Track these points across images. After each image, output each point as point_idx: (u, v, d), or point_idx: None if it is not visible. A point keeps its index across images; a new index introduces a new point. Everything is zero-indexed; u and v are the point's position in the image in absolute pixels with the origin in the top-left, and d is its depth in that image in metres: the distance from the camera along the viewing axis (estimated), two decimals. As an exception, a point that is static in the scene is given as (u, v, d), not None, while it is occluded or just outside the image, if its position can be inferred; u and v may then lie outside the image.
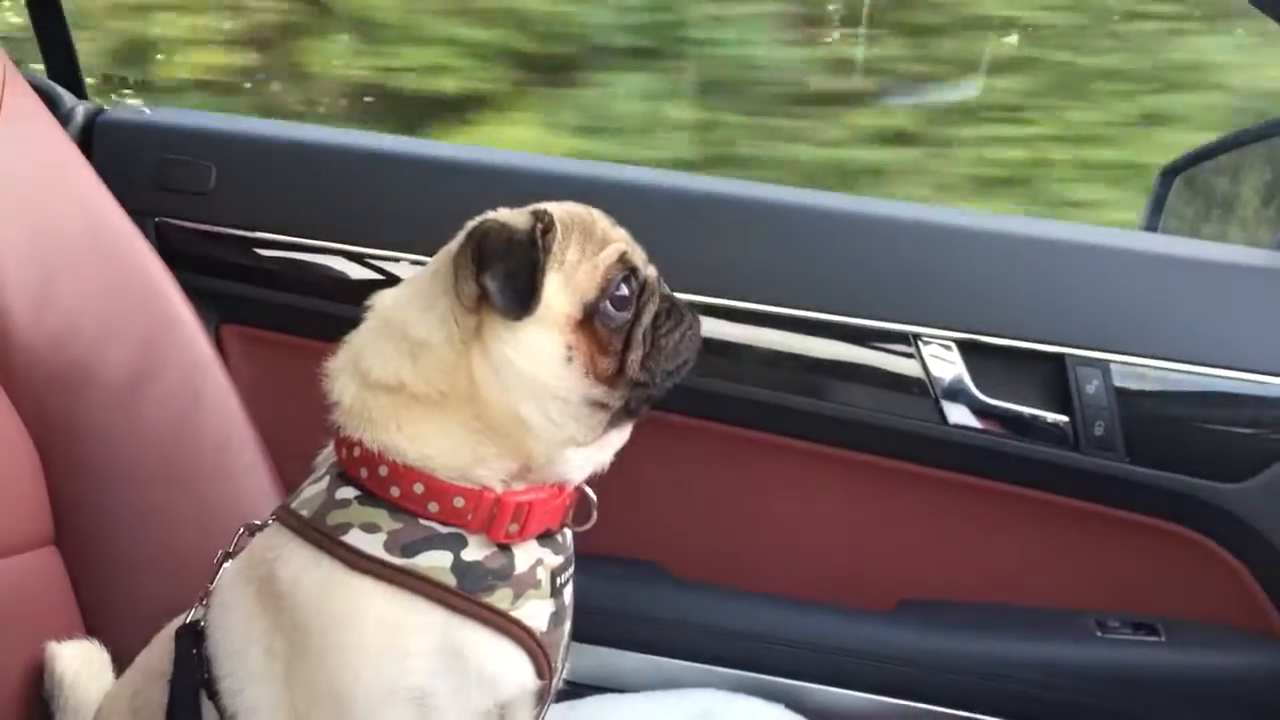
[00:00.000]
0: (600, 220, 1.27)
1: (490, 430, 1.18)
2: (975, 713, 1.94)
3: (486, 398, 1.17)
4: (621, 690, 1.91)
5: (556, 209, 1.24)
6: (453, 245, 1.23)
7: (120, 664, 1.41)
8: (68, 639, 1.44)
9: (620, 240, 1.26)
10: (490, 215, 1.24)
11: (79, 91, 2.29)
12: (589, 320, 1.19)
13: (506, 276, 1.15)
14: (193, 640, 1.23)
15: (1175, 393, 1.88)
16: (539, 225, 1.19)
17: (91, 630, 1.51)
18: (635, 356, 1.22)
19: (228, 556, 1.30)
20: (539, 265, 1.17)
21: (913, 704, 1.95)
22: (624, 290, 1.22)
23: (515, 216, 1.22)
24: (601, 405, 1.21)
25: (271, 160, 2.18)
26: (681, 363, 1.27)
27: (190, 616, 1.26)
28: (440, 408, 1.18)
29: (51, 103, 2.03)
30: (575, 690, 1.75)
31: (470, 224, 1.24)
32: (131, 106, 2.28)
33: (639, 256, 1.27)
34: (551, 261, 1.19)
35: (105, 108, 2.24)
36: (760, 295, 1.94)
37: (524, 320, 1.16)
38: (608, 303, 1.20)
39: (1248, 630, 1.95)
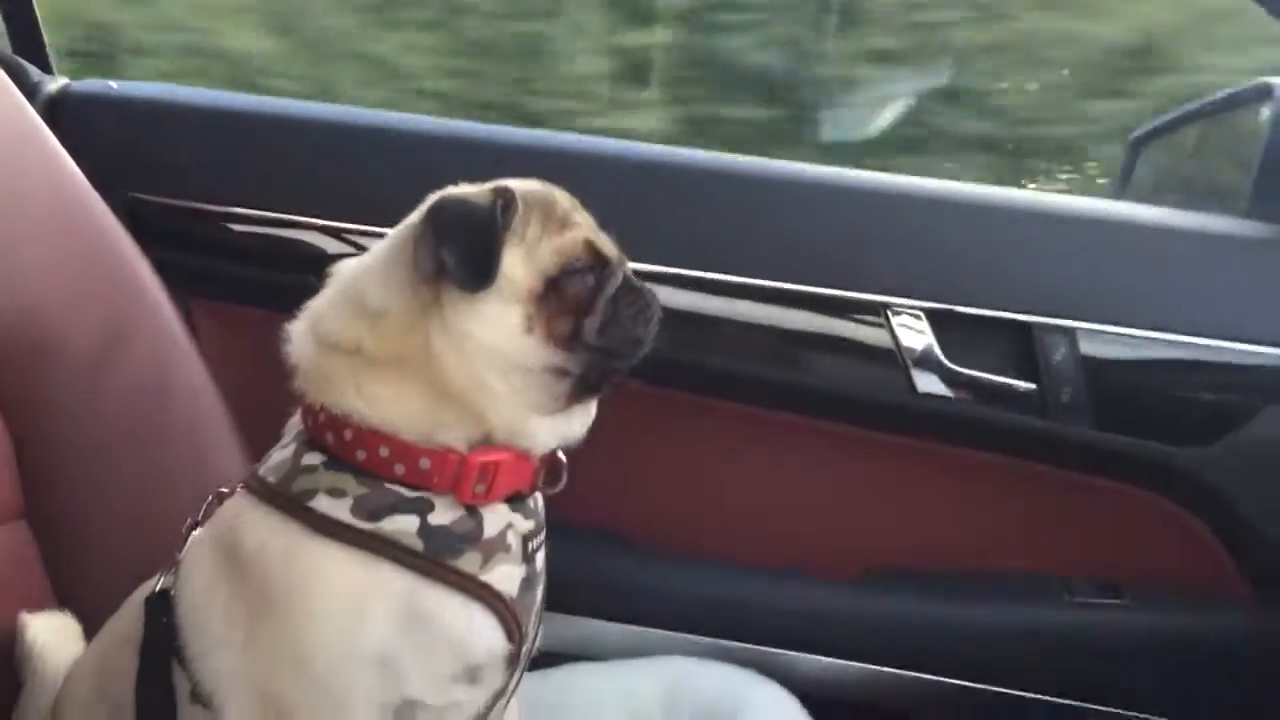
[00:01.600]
0: (562, 199, 1.27)
1: (447, 396, 1.18)
2: (942, 676, 1.97)
3: (445, 366, 1.18)
4: (593, 659, 1.91)
5: (519, 185, 1.25)
6: (413, 218, 1.24)
7: (90, 634, 1.41)
8: (39, 610, 1.45)
9: (582, 223, 1.27)
10: (451, 190, 1.25)
11: (44, 66, 2.27)
12: (549, 292, 1.20)
13: (465, 250, 1.16)
14: (162, 608, 1.23)
15: (1141, 359, 1.89)
16: (500, 201, 1.20)
17: (63, 602, 1.51)
18: (593, 322, 1.22)
19: (196, 525, 1.30)
20: (496, 239, 1.18)
21: (880, 668, 1.98)
22: (585, 265, 1.23)
23: (475, 192, 1.23)
24: (561, 371, 1.21)
25: (243, 134, 2.17)
26: (638, 336, 1.28)
27: (159, 585, 1.27)
28: (399, 372, 1.18)
29: (16, 77, 2.01)
30: (547, 659, 1.76)
31: (431, 198, 1.24)
32: (99, 81, 2.26)
33: (602, 237, 1.29)
34: (512, 236, 1.20)
35: (72, 82, 2.22)
36: (729, 266, 1.94)
37: (483, 293, 1.17)
38: (568, 276, 1.21)
39: (1211, 593, 1.98)
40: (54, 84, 2.19)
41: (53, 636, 1.42)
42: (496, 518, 1.22)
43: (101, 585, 1.45)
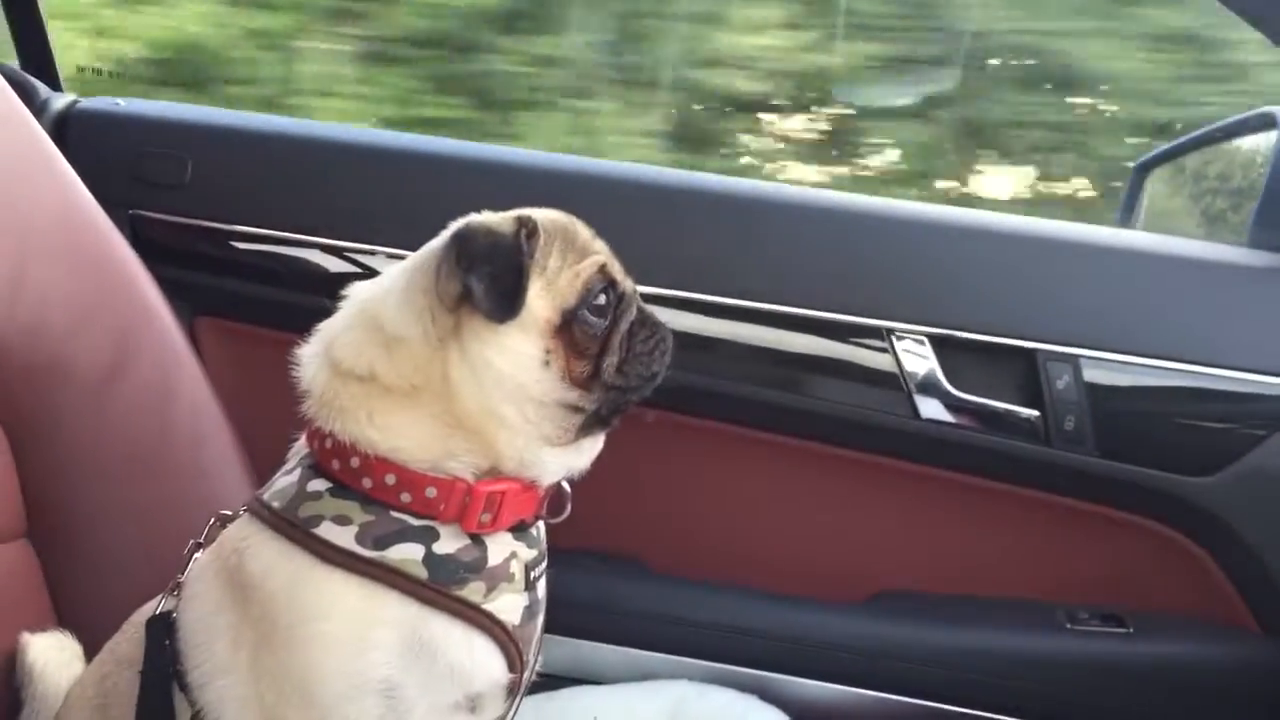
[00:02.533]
0: (582, 230, 1.28)
1: (461, 426, 1.18)
2: (946, 704, 1.96)
3: (461, 395, 1.18)
4: (597, 682, 1.92)
5: (540, 215, 1.25)
6: (436, 243, 1.23)
7: (92, 655, 1.40)
8: (40, 630, 1.44)
9: (600, 252, 1.27)
10: (474, 217, 1.24)
11: (53, 83, 2.28)
12: (567, 326, 1.21)
13: (493, 279, 1.16)
14: (164, 631, 1.23)
15: (1145, 388, 1.90)
16: (524, 230, 1.20)
17: (63, 622, 1.51)
18: (611, 362, 1.23)
19: (199, 547, 1.30)
20: (524, 270, 1.18)
21: (885, 695, 1.97)
22: (602, 299, 1.23)
23: (500, 220, 1.23)
24: (576, 409, 1.22)
25: (247, 153, 2.17)
26: (654, 372, 1.28)
27: (161, 607, 1.26)
28: (412, 400, 1.18)
29: (25, 94, 2.02)
30: (551, 682, 1.76)
31: (455, 224, 1.24)
32: (106, 99, 2.27)
33: (618, 269, 1.29)
34: (534, 267, 1.20)
35: (79, 99, 2.23)
36: (736, 290, 1.95)
37: (505, 323, 1.17)
38: (586, 310, 1.22)
39: (1215, 622, 1.97)
40: (62, 101, 2.20)
41: (54, 656, 1.41)
42: (500, 547, 1.22)
43: (103, 605, 1.44)
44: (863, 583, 2.06)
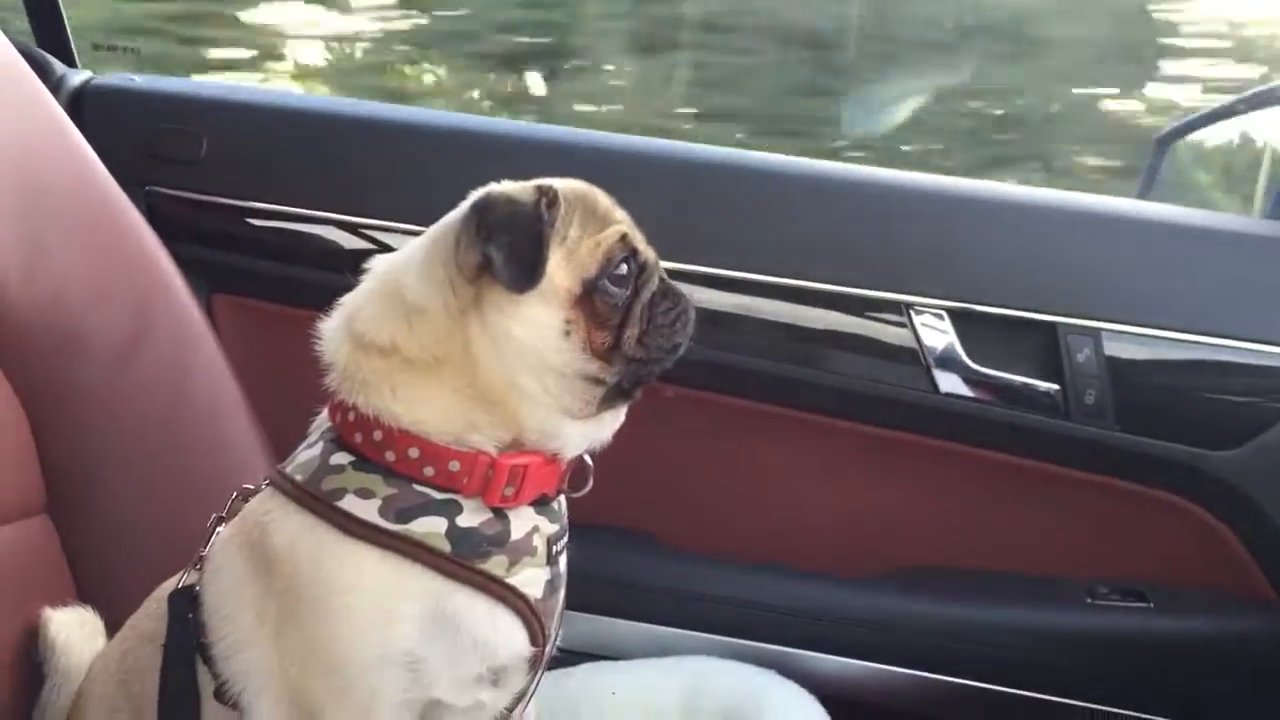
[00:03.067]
0: (602, 199, 1.26)
1: (483, 398, 1.18)
2: (964, 679, 1.96)
3: (482, 366, 1.17)
4: (615, 658, 1.92)
5: (560, 184, 1.23)
6: (455, 214, 1.22)
7: (113, 630, 1.41)
8: (61, 606, 1.44)
9: (622, 221, 1.26)
10: (494, 187, 1.23)
11: (68, 59, 2.27)
12: (588, 296, 1.19)
13: (512, 248, 1.15)
14: (187, 604, 1.23)
15: (1166, 361, 1.89)
16: (544, 199, 1.19)
17: (84, 597, 1.51)
18: (632, 333, 1.22)
19: (221, 521, 1.30)
20: (544, 239, 1.17)
21: (903, 670, 1.97)
22: (624, 269, 1.22)
23: (520, 190, 1.22)
24: (597, 380, 1.21)
25: (263, 128, 2.17)
26: (676, 344, 1.27)
27: (184, 580, 1.27)
28: (435, 372, 1.18)
29: (41, 70, 2.02)
30: (569, 657, 1.76)
31: (474, 194, 1.23)
32: (121, 74, 2.27)
33: (639, 238, 1.28)
34: (554, 236, 1.19)
35: (95, 76, 2.23)
36: (752, 264, 1.94)
37: (525, 293, 1.16)
38: (607, 280, 1.20)
39: (1236, 596, 1.97)
40: (77, 77, 2.20)
41: (74, 631, 1.42)
42: (523, 521, 1.22)
43: (123, 579, 1.45)
44: (881, 558, 2.06)
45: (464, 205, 1.22)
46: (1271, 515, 1.88)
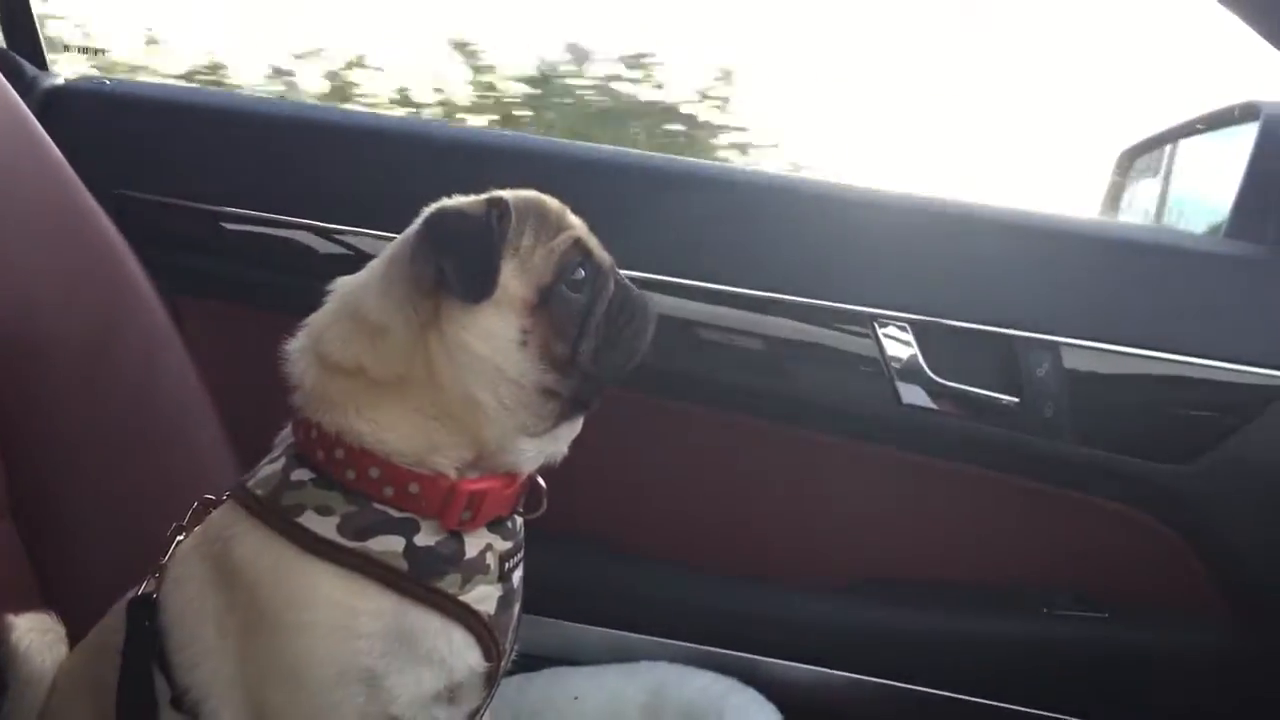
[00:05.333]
0: (553, 206, 1.28)
1: (446, 416, 1.19)
2: (923, 687, 1.98)
3: (443, 382, 1.19)
4: (577, 663, 1.93)
5: (511, 196, 1.25)
6: (409, 231, 1.24)
7: (76, 637, 1.41)
8: (24, 611, 1.44)
9: (575, 226, 1.27)
10: (445, 202, 1.26)
11: (39, 62, 2.27)
12: (544, 305, 1.21)
13: (463, 261, 1.17)
14: (146, 614, 1.24)
15: (1123, 376, 1.91)
16: (494, 210, 1.20)
17: (48, 603, 1.51)
18: (589, 345, 1.23)
19: (181, 530, 1.30)
20: (495, 249, 1.18)
21: (864, 678, 1.99)
22: (579, 274, 1.23)
23: (470, 203, 1.24)
24: (553, 393, 1.22)
25: (235, 134, 2.16)
26: (634, 353, 1.28)
27: (143, 590, 1.27)
28: (399, 392, 1.19)
29: (10, 72, 2.01)
30: (532, 663, 1.77)
31: (426, 210, 1.25)
32: (92, 78, 2.26)
33: (594, 242, 1.29)
34: (507, 247, 1.20)
35: (65, 79, 2.22)
36: (718, 274, 1.95)
37: (481, 304, 1.18)
38: (563, 286, 1.22)
39: (1190, 607, 2.00)
40: (48, 80, 2.18)
41: (37, 638, 1.41)
42: (476, 539, 1.23)
43: (87, 585, 1.45)
44: (843, 567, 2.08)
45: (416, 221, 1.24)
46: (1224, 528, 1.91)
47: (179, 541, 1.29)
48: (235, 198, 2.09)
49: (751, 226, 1.99)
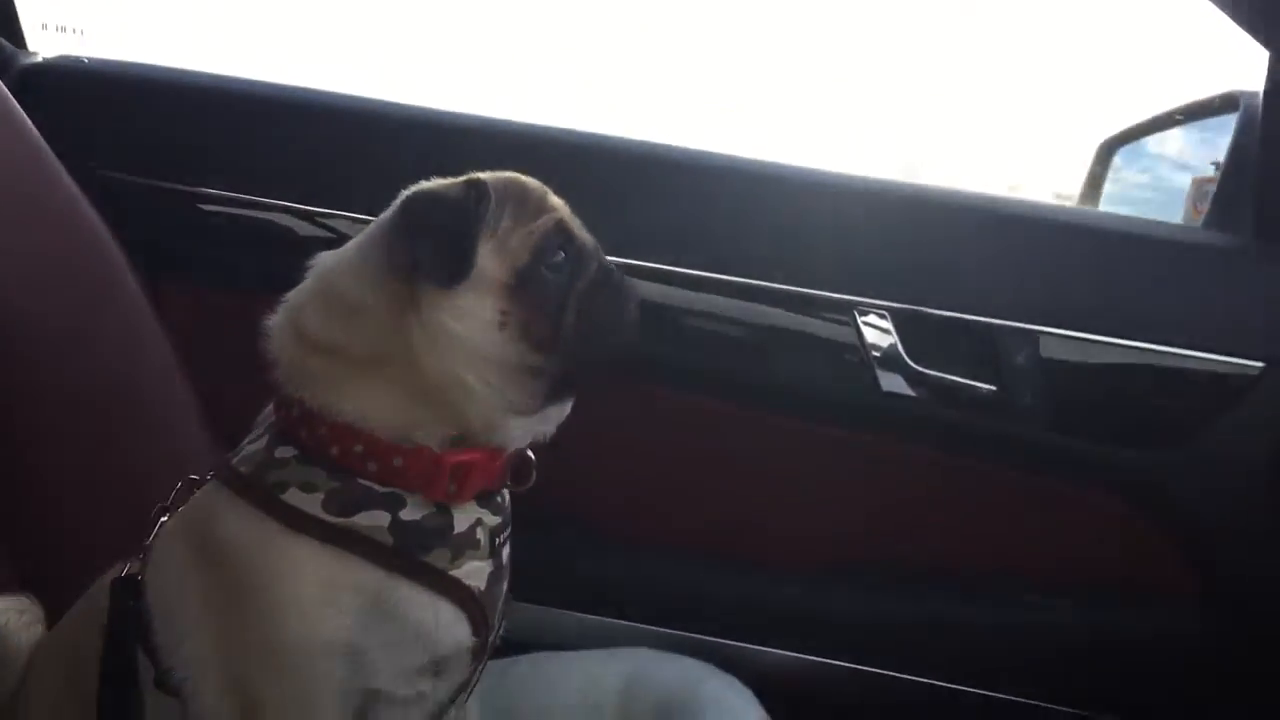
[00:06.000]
0: (534, 189, 1.27)
1: (427, 395, 1.19)
2: (900, 673, 2.00)
3: (423, 363, 1.18)
4: (555, 648, 1.93)
5: (491, 178, 1.25)
6: (386, 213, 1.24)
7: (53, 618, 1.40)
8: (1, 594, 1.44)
9: (557, 208, 1.27)
10: (423, 184, 1.25)
11: (16, 39, 2.24)
12: (523, 286, 1.20)
13: (437, 245, 1.17)
14: (130, 592, 1.24)
15: (1100, 365, 1.92)
16: (472, 193, 1.20)
17: (26, 585, 1.50)
18: (570, 322, 1.22)
19: (166, 511, 1.30)
20: (470, 233, 1.18)
21: (839, 663, 2.00)
22: (559, 256, 1.23)
23: (448, 186, 1.24)
24: (538, 372, 1.22)
25: (216, 114, 2.15)
26: (617, 331, 1.28)
27: (127, 570, 1.27)
28: (378, 370, 1.19)
29: (-13, 51, 2.00)
30: (511, 648, 1.78)
31: (404, 193, 1.24)
32: (70, 56, 2.24)
33: (575, 224, 1.28)
34: (484, 229, 1.20)
35: (43, 56, 2.20)
36: (699, 261, 1.95)
37: (458, 286, 1.18)
38: (542, 268, 1.21)
39: (1165, 593, 2.02)
40: (26, 58, 2.16)
41: (14, 618, 1.40)
42: (466, 514, 1.23)
43: (65, 567, 1.44)
44: (822, 553, 2.09)
45: (394, 204, 1.24)
46: (1197, 516, 1.93)
47: (163, 522, 1.29)
48: (215, 178, 2.07)
49: (733, 213, 2.00)
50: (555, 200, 1.28)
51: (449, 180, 1.25)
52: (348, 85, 2.24)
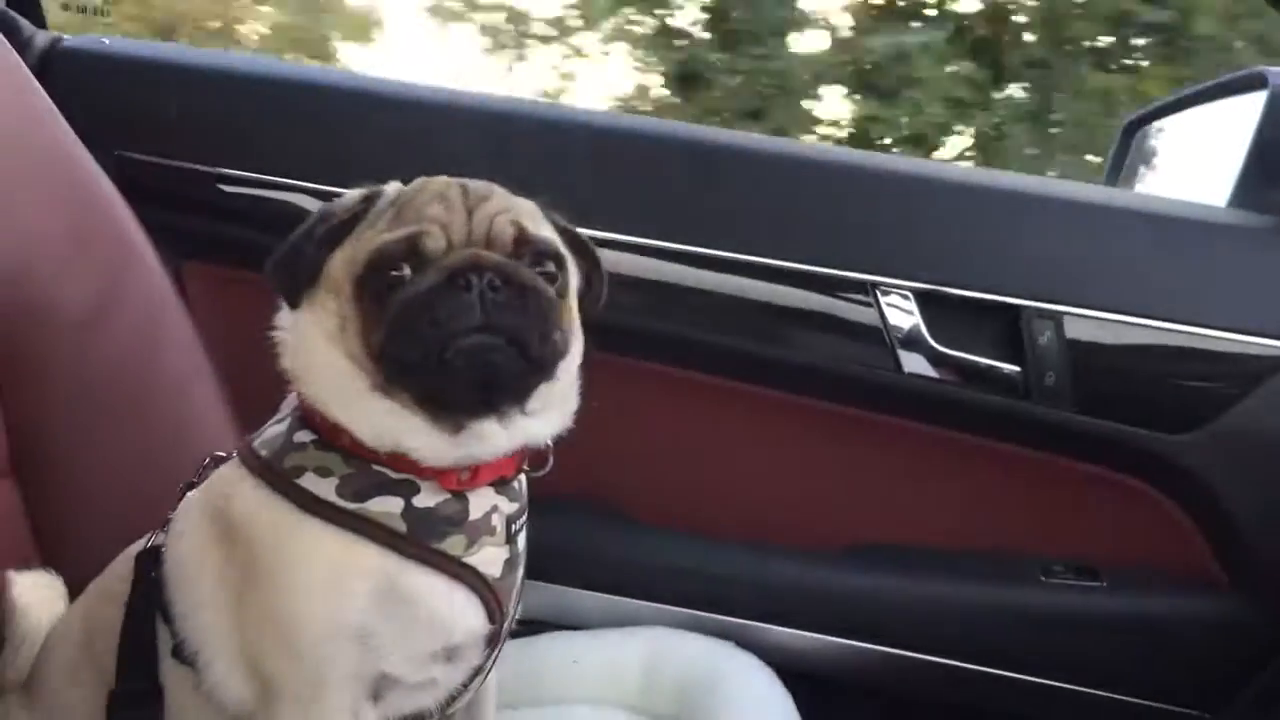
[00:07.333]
0: (426, 198, 1.20)
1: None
2: (920, 653, 1.99)
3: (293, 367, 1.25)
4: (575, 628, 1.94)
5: (412, 185, 1.24)
6: None
7: (75, 594, 1.42)
8: (24, 569, 1.45)
9: (431, 221, 1.18)
10: (343, 193, 1.29)
11: (37, 20, 2.25)
12: (360, 293, 1.18)
13: (278, 269, 1.23)
14: (154, 564, 1.26)
15: (1125, 345, 1.91)
16: (342, 203, 1.25)
17: (48, 561, 1.52)
18: (379, 331, 1.16)
19: (191, 487, 1.32)
20: (302, 251, 1.22)
21: (860, 644, 1.99)
22: (402, 269, 1.16)
23: (348, 194, 1.27)
24: (374, 383, 1.18)
25: (236, 95, 2.15)
26: (433, 349, 1.14)
27: (151, 542, 1.29)
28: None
29: (9, 30, 1.99)
30: (531, 627, 1.78)
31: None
32: (91, 37, 2.24)
33: (439, 240, 1.17)
34: (351, 237, 1.21)
35: (64, 37, 2.20)
36: (720, 241, 1.94)
37: (316, 289, 1.22)
38: (375, 277, 1.17)
39: (1187, 577, 2.00)
40: (47, 38, 2.16)
41: (36, 594, 1.42)
42: (482, 501, 1.23)
43: (87, 544, 1.46)
44: (840, 533, 2.08)
45: None
46: (1222, 498, 1.91)
47: (188, 497, 1.30)
48: (236, 159, 2.08)
49: (753, 194, 1.99)
50: (436, 209, 1.19)
51: (360, 190, 1.27)
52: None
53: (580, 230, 1.33)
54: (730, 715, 1.71)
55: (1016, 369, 1.90)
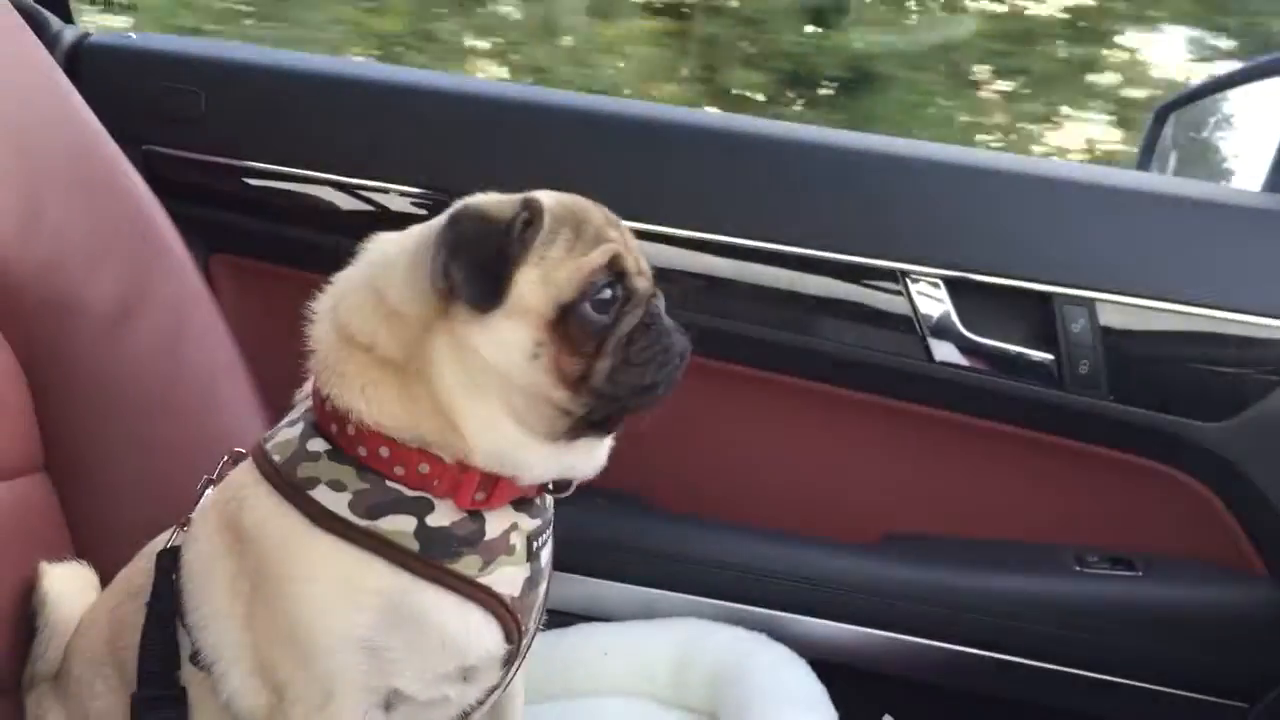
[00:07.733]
0: (596, 216, 1.21)
1: (436, 412, 1.16)
2: (954, 644, 1.98)
3: (441, 377, 1.15)
4: (607, 619, 1.94)
5: (550, 199, 1.19)
6: (439, 219, 1.19)
7: (106, 585, 1.42)
8: (57, 561, 1.45)
9: (615, 241, 1.20)
10: (477, 198, 1.20)
11: (65, 15, 2.26)
12: (563, 320, 1.15)
13: (471, 266, 1.12)
14: (172, 565, 1.25)
15: (1159, 332, 1.89)
16: (522, 216, 1.15)
17: (80, 554, 1.52)
18: (604, 366, 1.16)
19: (211, 484, 1.31)
20: (510, 258, 1.13)
21: (893, 635, 1.98)
22: (607, 294, 1.17)
23: (501, 203, 1.18)
24: (563, 410, 1.17)
25: (262, 88, 2.16)
26: (650, 383, 1.20)
27: (171, 541, 1.28)
28: (401, 375, 1.16)
29: (37, 26, 2.00)
30: (562, 619, 1.78)
31: (456, 204, 1.20)
32: (119, 32, 2.25)
33: (631, 262, 1.21)
34: (532, 255, 1.14)
35: (92, 32, 2.21)
36: (749, 230, 1.94)
37: (496, 311, 1.13)
38: (586, 305, 1.15)
39: (1224, 565, 1.98)
40: (74, 34, 2.17)
41: (68, 585, 1.43)
42: (500, 519, 1.20)
43: (118, 536, 1.46)
44: (872, 524, 2.07)
45: (443, 215, 1.19)
46: (1260, 486, 1.89)
47: (208, 494, 1.30)
48: (262, 152, 2.08)
49: (782, 182, 1.98)
50: (615, 232, 1.22)
51: (504, 197, 1.20)
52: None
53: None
54: (763, 707, 1.69)
55: (1049, 357, 1.89)
